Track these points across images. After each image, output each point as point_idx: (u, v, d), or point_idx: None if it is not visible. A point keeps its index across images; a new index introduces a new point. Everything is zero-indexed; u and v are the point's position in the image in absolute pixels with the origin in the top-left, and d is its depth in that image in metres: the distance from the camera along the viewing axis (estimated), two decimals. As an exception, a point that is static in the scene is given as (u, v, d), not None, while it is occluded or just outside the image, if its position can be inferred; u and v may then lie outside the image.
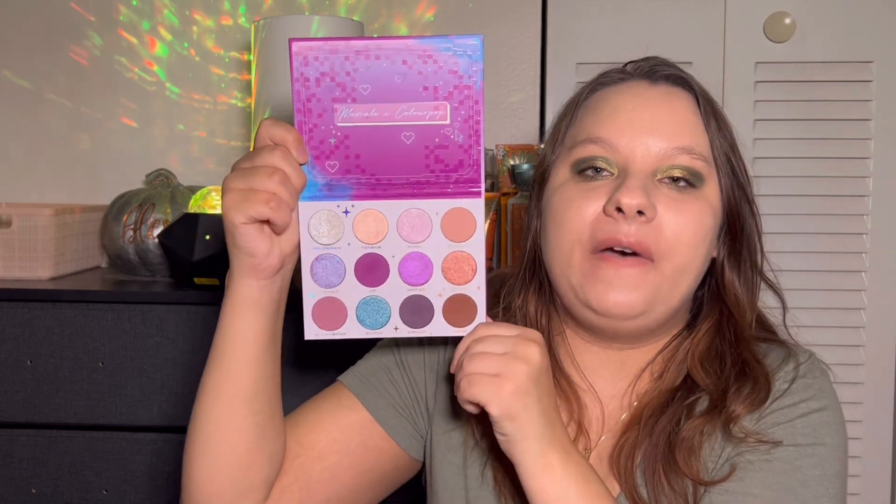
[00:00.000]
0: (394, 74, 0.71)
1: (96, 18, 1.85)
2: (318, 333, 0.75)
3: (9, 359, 1.37)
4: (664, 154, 0.82)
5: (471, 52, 0.71)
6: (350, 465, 0.88)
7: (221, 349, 0.78)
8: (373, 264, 0.74)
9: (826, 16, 1.76)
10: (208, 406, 0.79)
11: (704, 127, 0.84)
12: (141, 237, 1.52)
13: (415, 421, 0.92)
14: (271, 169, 0.70)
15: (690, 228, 0.81)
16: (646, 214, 0.79)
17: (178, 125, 1.86)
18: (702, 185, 0.83)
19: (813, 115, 1.76)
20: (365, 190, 0.73)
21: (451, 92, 0.72)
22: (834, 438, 0.80)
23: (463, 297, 0.76)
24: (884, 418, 1.77)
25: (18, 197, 1.85)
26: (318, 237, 0.74)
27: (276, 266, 0.75)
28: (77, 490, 1.38)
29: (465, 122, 0.72)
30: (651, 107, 0.84)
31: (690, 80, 0.87)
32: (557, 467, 0.73)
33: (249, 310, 0.76)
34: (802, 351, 0.86)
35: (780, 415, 0.80)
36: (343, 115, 0.71)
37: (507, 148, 1.70)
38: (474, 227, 0.75)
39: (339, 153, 0.72)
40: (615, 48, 1.76)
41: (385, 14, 1.85)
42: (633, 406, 0.87)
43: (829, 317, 1.75)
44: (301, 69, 0.70)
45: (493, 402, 0.72)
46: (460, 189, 0.74)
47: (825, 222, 1.76)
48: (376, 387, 0.91)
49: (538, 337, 0.76)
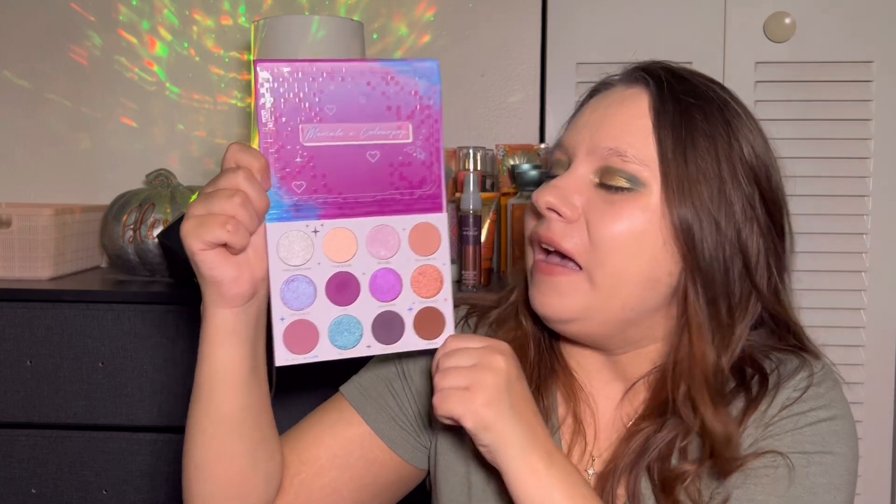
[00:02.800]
0: (358, 95, 0.72)
1: (96, 18, 1.85)
2: (289, 358, 0.73)
3: (9, 359, 1.37)
4: (599, 155, 0.80)
5: (428, 73, 0.74)
6: (351, 478, 0.88)
7: (202, 379, 0.76)
8: (343, 283, 0.74)
9: (826, 16, 1.76)
10: (197, 433, 0.78)
11: (654, 129, 0.79)
12: (141, 237, 1.52)
13: (417, 432, 0.91)
14: (232, 191, 0.69)
15: (614, 231, 0.78)
16: (560, 213, 0.79)
17: (178, 125, 1.86)
18: (641, 188, 0.78)
19: (813, 115, 1.76)
20: (332, 209, 0.73)
21: (412, 112, 0.74)
22: (843, 448, 0.78)
23: (432, 309, 0.77)
24: (884, 418, 1.77)
25: (18, 197, 1.85)
26: (287, 259, 0.73)
27: (246, 293, 0.73)
28: (77, 490, 1.38)
29: (426, 141, 0.75)
30: (603, 108, 0.82)
31: (656, 81, 0.82)
32: (542, 471, 0.73)
33: (227, 339, 0.74)
34: (817, 362, 0.84)
35: (788, 422, 0.79)
36: (310, 136, 0.72)
37: (507, 148, 1.70)
38: (439, 241, 0.77)
39: (306, 173, 0.72)
40: (615, 48, 1.76)
41: (385, 14, 1.84)
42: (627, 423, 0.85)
43: (829, 317, 1.75)
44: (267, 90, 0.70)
45: (465, 416, 0.73)
46: (424, 205, 0.76)
47: (825, 222, 1.76)
48: (377, 399, 0.90)
49: (505, 347, 0.77)
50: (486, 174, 1.69)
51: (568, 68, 1.81)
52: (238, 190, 0.69)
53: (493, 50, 1.85)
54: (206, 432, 0.78)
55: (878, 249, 1.76)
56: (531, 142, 1.84)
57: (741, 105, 0.85)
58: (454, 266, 1.61)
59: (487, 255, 1.58)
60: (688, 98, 0.81)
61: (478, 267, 1.49)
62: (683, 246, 0.78)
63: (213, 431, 0.77)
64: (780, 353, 0.84)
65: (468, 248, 1.48)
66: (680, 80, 0.83)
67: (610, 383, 0.88)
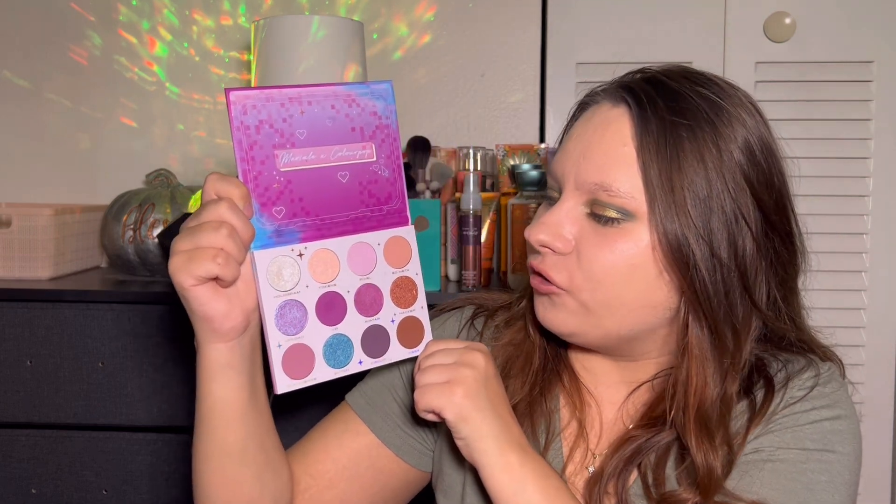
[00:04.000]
0: (325, 118, 0.75)
1: (96, 18, 1.85)
2: (290, 385, 0.73)
3: (9, 359, 1.37)
4: (587, 188, 0.79)
5: (383, 94, 0.77)
6: (361, 488, 0.89)
7: (203, 415, 0.76)
8: (331, 302, 0.75)
9: (826, 16, 1.76)
10: (202, 463, 0.78)
11: (638, 157, 0.76)
12: (141, 237, 1.52)
13: (422, 437, 0.92)
14: (217, 223, 0.68)
15: (609, 264, 0.77)
16: (551, 248, 0.80)
17: (178, 125, 1.86)
18: (630, 220, 0.76)
19: (813, 115, 1.76)
20: (312, 231, 0.75)
21: (374, 132, 0.77)
22: (846, 448, 0.78)
23: (411, 318, 0.79)
24: (884, 418, 1.77)
25: (18, 197, 1.85)
26: (277, 285, 0.73)
27: (239, 326, 0.72)
28: (77, 490, 1.38)
29: (388, 159, 0.78)
30: (586, 136, 0.80)
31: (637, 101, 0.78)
32: (515, 464, 0.75)
33: (223, 372, 0.73)
34: (824, 363, 0.83)
35: (789, 419, 0.78)
36: (284, 161, 0.73)
37: (507, 148, 1.70)
38: (410, 253, 0.80)
39: (285, 198, 0.73)
40: (615, 48, 1.76)
41: (385, 14, 1.84)
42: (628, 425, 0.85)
43: (829, 317, 1.75)
44: (241, 118, 0.71)
45: (446, 407, 0.74)
46: (393, 219, 0.79)
47: (825, 222, 1.76)
48: (382, 408, 0.91)
49: (483, 347, 0.79)
50: (486, 174, 1.70)
51: (568, 68, 1.81)
52: (223, 222, 0.68)
53: (493, 50, 1.85)
54: (211, 463, 0.78)
55: (878, 249, 1.76)
56: (531, 142, 1.84)
57: (737, 100, 0.80)
58: (454, 266, 1.61)
59: (487, 255, 1.58)
60: (673, 116, 0.77)
61: (478, 267, 1.49)
62: (678, 275, 0.76)
63: (218, 462, 0.77)
64: (788, 354, 0.84)
65: (468, 248, 1.48)
66: (666, 93, 0.78)
67: (616, 385, 0.88)
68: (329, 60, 1.45)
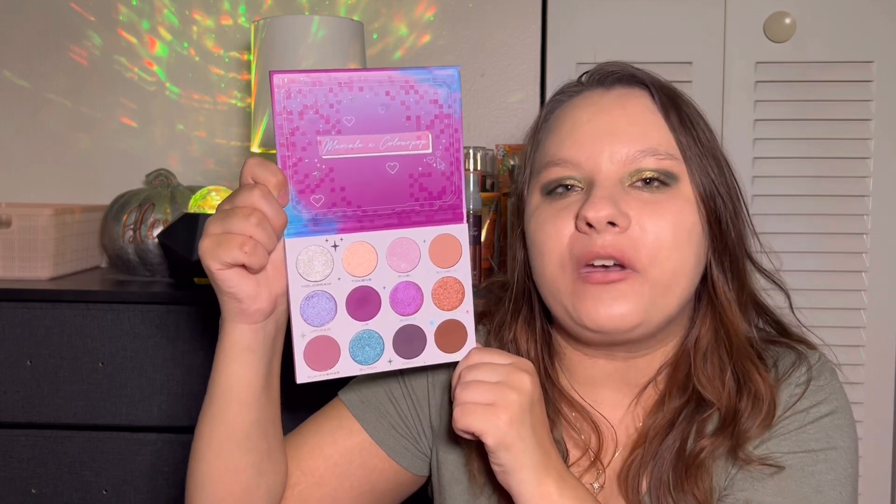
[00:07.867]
0: (377, 105, 0.71)
1: (96, 18, 1.85)
2: (311, 375, 0.72)
3: (9, 359, 1.37)
4: (629, 159, 0.79)
5: (449, 82, 0.73)
6: (351, 487, 0.88)
7: (215, 393, 0.76)
8: (364, 297, 0.73)
9: (826, 16, 1.76)
10: (204, 447, 0.78)
11: (665, 122, 0.81)
12: (141, 237, 1.52)
13: (417, 440, 0.91)
14: (249, 210, 0.68)
15: (669, 230, 0.78)
16: (617, 224, 0.78)
17: (178, 125, 1.86)
18: (675, 182, 0.80)
19: (813, 115, 1.76)
20: (351, 222, 0.72)
21: (432, 121, 0.73)
22: (845, 441, 0.79)
23: (454, 322, 0.76)
24: (884, 418, 1.77)
25: (18, 197, 1.85)
26: (306, 274, 0.71)
27: (266, 309, 0.72)
28: (77, 490, 1.38)
29: (446, 151, 0.73)
30: (606, 113, 0.82)
31: (644, 77, 0.84)
32: (554, 494, 0.73)
33: (242, 355, 0.73)
34: (811, 352, 0.85)
35: (792, 422, 0.79)
36: (328, 148, 0.70)
37: (507, 148, 1.70)
38: (460, 252, 0.75)
39: (325, 186, 0.71)
40: (615, 48, 1.76)
41: (385, 14, 1.85)
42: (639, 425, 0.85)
43: (829, 317, 1.75)
44: (283, 102, 0.68)
45: (488, 433, 0.72)
46: (445, 216, 0.74)
47: (825, 222, 1.76)
48: (377, 407, 0.90)
49: (530, 367, 0.76)
50: (486, 174, 1.70)
51: (568, 68, 1.80)
52: (255, 209, 0.68)
53: (493, 50, 1.85)
54: (213, 446, 0.77)
55: (878, 249, 1.76)
56: (531, 142, 1.84)
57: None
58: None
59: (487, 255, 1.58)
60: (667, 87, 0.85)
61: (478, 267, 1.49)
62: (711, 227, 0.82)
63: (221, 446, 0.77)
64: (777, 347, 0.85)
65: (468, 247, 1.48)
66: (647, 74, 0.86)
67: (618, 389, 0.87)
68: (329, 60, 1.45)
